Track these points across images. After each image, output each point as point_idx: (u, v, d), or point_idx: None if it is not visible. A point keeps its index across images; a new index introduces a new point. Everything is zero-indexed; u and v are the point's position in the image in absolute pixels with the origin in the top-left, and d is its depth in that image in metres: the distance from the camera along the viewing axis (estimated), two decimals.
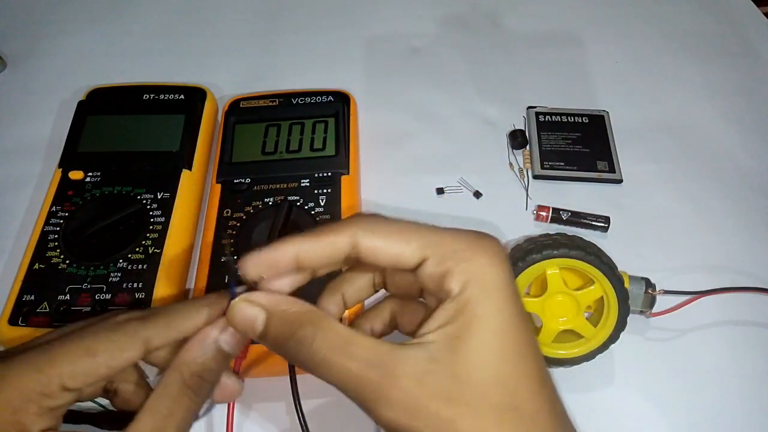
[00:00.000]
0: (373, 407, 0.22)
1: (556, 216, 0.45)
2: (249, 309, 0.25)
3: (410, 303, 0.29)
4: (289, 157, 0.45)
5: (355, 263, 0.27)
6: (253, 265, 0.25)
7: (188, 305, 0.27)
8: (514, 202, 0.47)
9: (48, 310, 0.37)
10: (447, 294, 0.23)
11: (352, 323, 0.30)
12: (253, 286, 0.26)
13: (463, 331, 0.22)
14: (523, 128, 0.52)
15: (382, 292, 0.30)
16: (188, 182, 0.44)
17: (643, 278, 0.39)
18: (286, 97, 0.48)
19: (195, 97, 0.49)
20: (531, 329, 0.24)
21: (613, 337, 0.37)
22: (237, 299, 0.25)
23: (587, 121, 0.52)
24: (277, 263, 0.25)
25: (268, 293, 0.25)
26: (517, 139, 0.50)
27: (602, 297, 0.36)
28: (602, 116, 0.52)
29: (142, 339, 0.25)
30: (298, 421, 0.31)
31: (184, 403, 0.25)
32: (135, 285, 0.38)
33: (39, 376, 0.23)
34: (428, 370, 0.22)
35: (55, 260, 0.39)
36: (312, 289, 0.27)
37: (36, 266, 0.39)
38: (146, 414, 0.25)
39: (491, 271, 0.23)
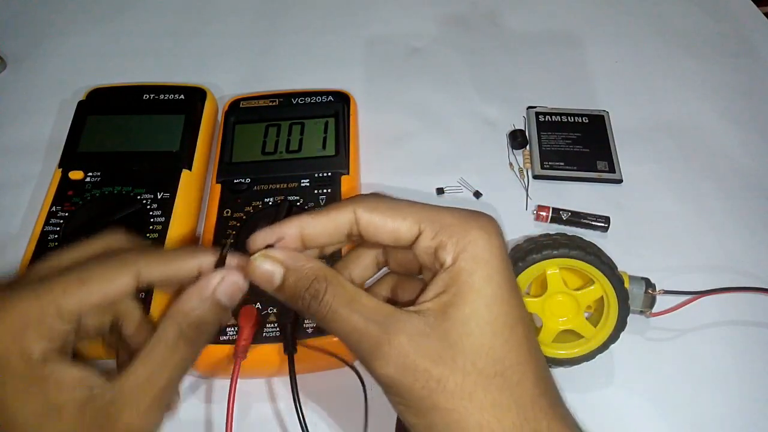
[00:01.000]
0: (370, 361, 0.24)
1: (556, 216, 0.45)
2: (268, 264, 0.26)
3: (409, 280, 0.30)
4: (289, 157, 0.45)
5: (358, 241, 0.28)
6: (261, 241, 0.27)
7: (183, 250, 0.28)
8: (514, 202, 0.47)
9: None
10: (441, 265, 0.25)
11: None
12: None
13: (456, 299, 0.24)
14: (523, 128, 0.52)
15: (384, 269, 0.31)
16: (188, 182, 0.44)
17: (643, 278, 0.39)
18: (286, 97, 0.48)
19: (195, 97, 0.49)
20: (520, 300, 0.25)
21: (613, 337, 0.37)
22: (257, 255, 0.26)
23: (587, 121, 0.52)
24: (283, 240, 0.27)
25: (285, 250, 0.27)
26: (517, 139, 0.50)
27: (602, 297, 0.36)
28: (602, 116, 0.52)
29: (134, 271, 0.26)
30: (298, 422, 0.31)
31: (179, 352, 0.26)
32: None
33: (37, 302, 0.25)
34: (423, 332, 0.24)
35: None
36: None
37: None
38: (141, 361, 0.25)
39: (482, 244, 0.25)
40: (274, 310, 0.37)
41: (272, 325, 0.37)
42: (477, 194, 0.48)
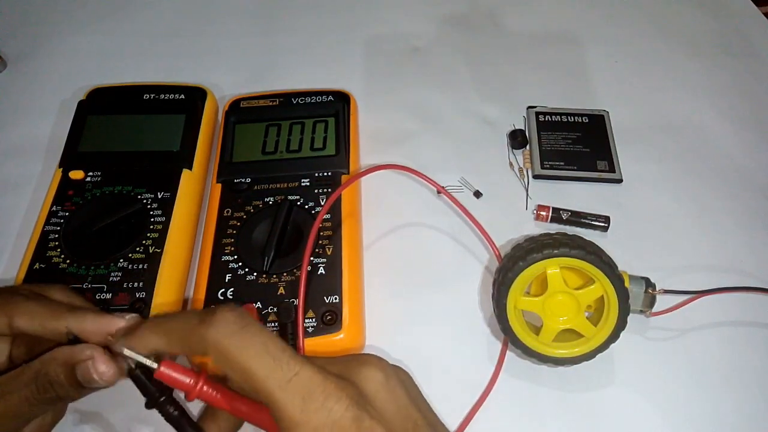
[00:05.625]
0: None
1: (556, 216, 0.45)
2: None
3: None
4: (289, 157, 0.45)
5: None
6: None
7: (63, 312, 0.28)
8: (514, 202, 0.47)
9: None
10: None
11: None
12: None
13: None
14: (523, 128, 0.52)
15: None
16: (189, 182, 0.44)
17: (643, 278, 0.39)
18: (286, 97, 0.48)
19: (195, 96, 0.49)
20: None
21: (614, 337, 0.37)
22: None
23: (587, 121, 0.52)
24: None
25: None
26: (517, 139, 0.50)
27: (602, 296, 0.36)
28: (602, 116, 0.52)
29: (5, 319, 0.27)
30: None
31: (24, 393, 0.26)
32: (135, 285, 0.38)
33: None
34: None
35: (55, 260, 0.39)
36: None
37: (36, 266, 0.39)
38: None
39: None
40: (275, 310, 0.37)
41: (272, 325, 0.37)
42: (477, 194, 0.48)
